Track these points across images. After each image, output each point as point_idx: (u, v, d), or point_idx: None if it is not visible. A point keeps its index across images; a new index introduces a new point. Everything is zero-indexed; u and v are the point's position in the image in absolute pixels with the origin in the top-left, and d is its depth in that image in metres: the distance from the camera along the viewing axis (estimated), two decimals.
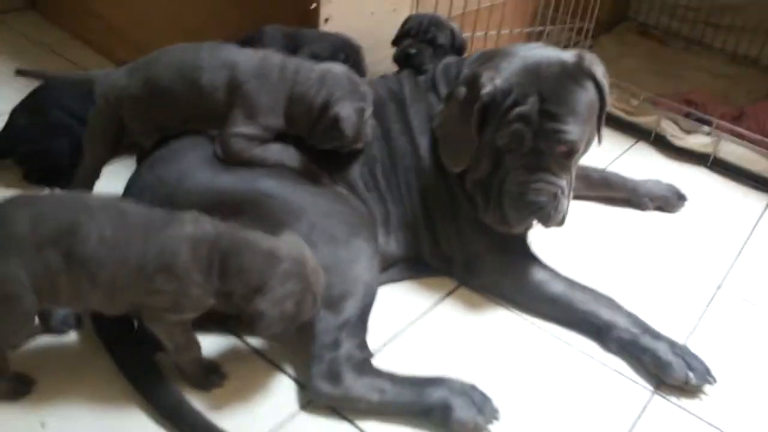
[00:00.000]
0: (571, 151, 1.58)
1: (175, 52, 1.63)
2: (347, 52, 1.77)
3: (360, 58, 1.82)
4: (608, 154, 2.45)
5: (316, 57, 1.72)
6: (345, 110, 1.56)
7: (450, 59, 1.87)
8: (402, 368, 1.46)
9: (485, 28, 2.40)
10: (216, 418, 1.35)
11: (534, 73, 1.56)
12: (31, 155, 1.95)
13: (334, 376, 1.38)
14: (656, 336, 1.62)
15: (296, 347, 1.50)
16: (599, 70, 1.62)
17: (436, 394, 1.39)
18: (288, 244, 1.32)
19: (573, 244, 1.99)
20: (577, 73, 1.57)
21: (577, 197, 2.13)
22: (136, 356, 1.42)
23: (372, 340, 1.53)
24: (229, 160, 1.54)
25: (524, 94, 1.54)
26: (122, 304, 1.31)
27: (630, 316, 1.66)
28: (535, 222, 1.66)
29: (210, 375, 1.43)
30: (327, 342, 1.42)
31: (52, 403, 1.38)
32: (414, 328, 1.66)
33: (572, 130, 1.54)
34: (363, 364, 1.43)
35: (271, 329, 1.28)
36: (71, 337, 1.52)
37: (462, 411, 1.36)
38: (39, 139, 1.92)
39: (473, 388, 1.42)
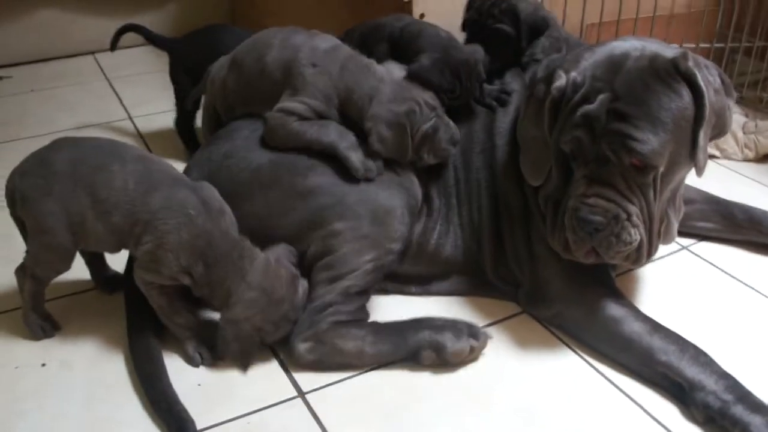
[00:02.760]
0: (646, 166, 1.27)
1: (262, 32, 1.63)
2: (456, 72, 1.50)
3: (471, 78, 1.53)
4: None
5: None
6: (375, 125, 1.43)
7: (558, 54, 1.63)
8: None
9: None
10: (190, 393, 1.31)
11: (616, 66, 1.29)
12: None
13: (314, 339, 1.36)
14: (755, 407, 1.22)
15: None
16: (705, 75, 1.29)
17: (421, 335, 1.36)
18: (268, 271, 1.31)
19: (696, 293, 1.61)
20: (669, 72, 1.26)
21: (716, 239, 1.76)
22: (144, 322, 1.42)
23: None
24: (270, 138, 1.49)
25: (596, 90, 1.28)
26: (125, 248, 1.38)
27: (725, 377, 1.27)
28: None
29: (204, 351, 1.38)
30: (319, 307, 1.38)
31: (61, 349, 1.44)
32: None
33: (646, 138, 1.24)
34: (347, 320, 1.39)
35: (227, 346, 1.31)
36: (111, 296, 1.58)
37: (454, 343, 1.35)
38: None
39: (454, 320, 1.40)
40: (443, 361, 1.35)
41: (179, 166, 1.55)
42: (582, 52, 1.38)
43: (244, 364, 1.35)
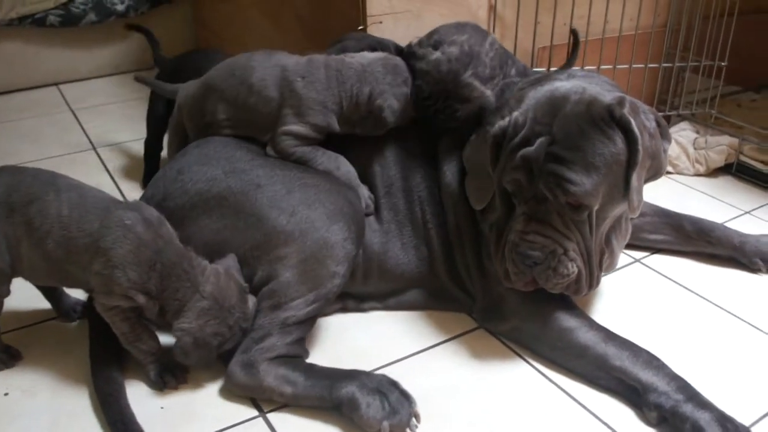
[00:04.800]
0: (580, 205, 1.33)
1: (233, 58, 1.69)
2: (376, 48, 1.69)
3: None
4: (732, 209, 2.05)
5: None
6: (387, 101, 1.53)
7: (515, 79, 1.66)
8: None
9: (596, 62, 2.19)
10: (153, 416, 1.33)
11: (555, 109, 1.34)
12: None
13: (250, 366, 1.36)
14: (703, 405, 1.28)
15: None
16: (642, 120, 1.35)
17: (345, 390, 1.30)
18: (219, 283, 1.34)
19: (649, 303, 1.67)
20: (604, 119, 1.32)
21: (668, 251, 1.83)
22: (107, 347, 1.43)
23: (348, 367, 1.39)
24: (281, 157, 1.55)
25: (536, 133, 1.34)
26: (73, 280, 1.37)
27: (675, 379, 1.33)
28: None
29: (167, 375, 1.40)
30: (257, 336, 1.39)
31: (23, 378, 1.44)
32: (407, 364, 1.48)
33: (580, 180, 1.30)
34: (284, 357, 1.38)
35: (188, 355, 1.32)
36: (72, 324, 1.59)
37: (369, 410, 1.27)
38: None
39: (392, 384, 1.32)
40: (355, 423, 1.29)
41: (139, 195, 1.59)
42: (528, 89, 1.43)
43: (207, 366, 1.38)
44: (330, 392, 1.31)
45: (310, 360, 1.44)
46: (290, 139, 1.55)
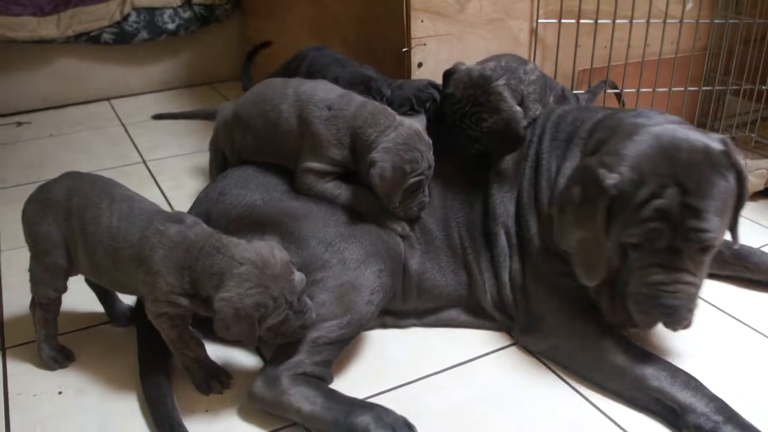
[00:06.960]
0: (709, 249, 1.36)
1: (263, 85, 1.73)
2: (367, 83, 1.76)
3: (378, 88, 1.78)
4: None
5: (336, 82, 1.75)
6: (382, 161, 1.48)
7: (565, 108, 1.67)
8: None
9: (635, 84, 2.21)
10: (198, 419, 1.39)
11: (672, 158, 1.32)
12: None
13: (274, 379, 1.38)
14: (743, 426, 1.29)
15: None
16: (742, 160, 1.40)
17: (361, 419, 1.31)
18: (257, 250, 1.30)
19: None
20: (724, 163, 1.34)
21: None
22: (155, 353, 1.49)
23: (388, 378, 1.44)
24: (302, 193, 1.59)
25: (662, 185, 1.31)
26: (123, 287, 1.45)
27: (714, 399, 1.34)
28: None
29: (212, 380, 1.45)
30: (289, 351, 1.42)
31: (76, 378, 1.51)
32: (444, 377, 1.51)
33: (714, 228, 1.32)
34: (307, 376, 1.39)
35: (229, 329, 1.27)
36: (123, 329, 1.66)
37: None
38: None
39: (407, 427, 1.32)
40: None
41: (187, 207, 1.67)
42: (618, 142, 1.39)
43: (247, 344, 1.38)
44: (346, 417, 1.31)
45: (349, 372, 1.49)
46: (311, 176, 1.57)
